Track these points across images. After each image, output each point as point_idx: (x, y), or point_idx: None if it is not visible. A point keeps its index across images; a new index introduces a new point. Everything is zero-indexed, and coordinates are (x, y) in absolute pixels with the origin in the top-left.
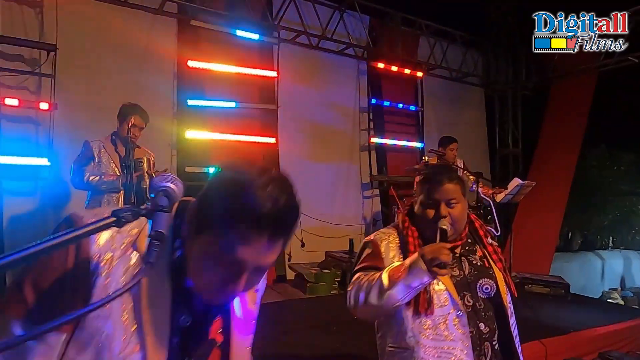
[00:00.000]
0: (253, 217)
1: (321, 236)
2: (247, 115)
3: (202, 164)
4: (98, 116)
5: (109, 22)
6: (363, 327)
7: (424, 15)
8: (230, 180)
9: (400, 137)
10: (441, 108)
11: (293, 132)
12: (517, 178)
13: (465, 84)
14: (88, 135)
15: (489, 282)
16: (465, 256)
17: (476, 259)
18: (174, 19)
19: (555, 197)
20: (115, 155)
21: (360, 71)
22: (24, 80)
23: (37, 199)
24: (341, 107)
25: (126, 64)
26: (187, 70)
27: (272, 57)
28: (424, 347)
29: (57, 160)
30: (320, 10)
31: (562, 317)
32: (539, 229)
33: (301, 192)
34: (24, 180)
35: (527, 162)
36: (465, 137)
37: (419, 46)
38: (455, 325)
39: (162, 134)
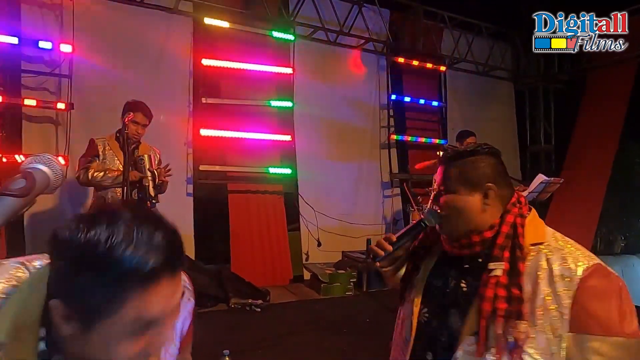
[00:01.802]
0: (143, 275)
1: (340, 235)
2: (262, 113)
3: (218, 162)
4: (114, 116)
5: (124, 22)
6: (374, 330)
7: (447, 8)
8: (92, 255)
9: (423, 134)
10: (466, 103)
11: (310, 130)
12: (541, 174)
13: (492, 78)
14: (104, 134)
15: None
16: (468, 274)
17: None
18: (189, 17)
19: (591, 196)
20: (119, 153)
21: (380, 66)
22: (44, 81)
23: (56, 197)
24: (360, 104)
25: (141, 63)
26: (203, 69)
27: (288, 54)
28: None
29: (74, 159)
30: (337, 5)
31: None
32: (573, 230)
33: (319, 191)
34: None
35: (560, 159)
36: (492, 133)
37: (443, 39)
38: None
39: (177, 133)
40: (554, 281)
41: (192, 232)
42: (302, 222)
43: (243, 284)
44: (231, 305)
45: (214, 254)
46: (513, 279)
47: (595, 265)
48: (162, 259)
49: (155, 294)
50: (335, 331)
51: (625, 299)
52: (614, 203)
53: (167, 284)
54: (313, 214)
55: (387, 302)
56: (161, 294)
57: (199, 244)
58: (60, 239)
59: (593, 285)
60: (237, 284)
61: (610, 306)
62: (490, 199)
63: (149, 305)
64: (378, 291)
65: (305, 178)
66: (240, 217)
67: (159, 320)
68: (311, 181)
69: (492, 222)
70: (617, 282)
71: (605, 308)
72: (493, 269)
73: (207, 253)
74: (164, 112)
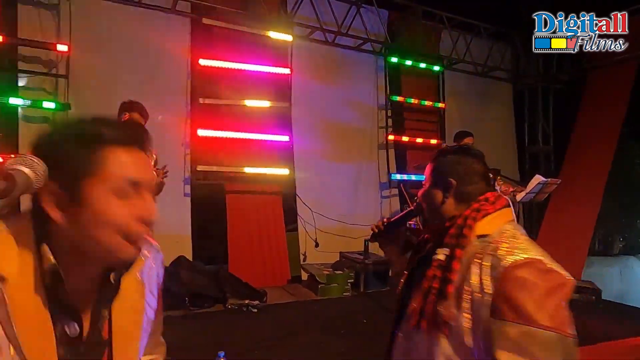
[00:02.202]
0: (116, 138)
1: (339, 235)
2: (260, 113)
3: (215, 162)
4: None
5: (121, 22)
6: (371, 331)
7: (446, 8)
8: (70, 129)
9: (421, 134)
10: (465, 104)
11: (308, 131)
12: (538, 175)
13: (491, 79)
14: None
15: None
16: (426, 260)
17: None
18: (187, 17)
19: (590, 197)
20: None
21: (378, 67)
22: (41, 81)
23: None
24: (358, 105)
25: (139, 63)
26: (200, 69)
27: (286, 55)
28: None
29: None
30: (335, 6)
31: (592, 326)
32: (571, 231)
33: (317, 192)
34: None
35: (559, 159)
36: (491, 134)
37: (441, 40)
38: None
39: (175, 133)
40: (483, 269)
41: (190, 232)
42: (300, 222)
43: (240, 285)
44: (228, 306)
45: (211, 254)
46: (448, 262)
47: (530, 259)
48: (131, 130)
49: (130, 156)
50: (333, 332)
51: (556, 297)
52: (613, 204)
53: (139, 154)
54: (311, 214)
55: (384, 303)
56: (136, 158)
57: (196, 244)
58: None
59: (518, 276)
60: (234, 284)
61: (530, 297)
62: (449, 194)
63: (127, 165)
64: (375, 292)
65: (303, 179)
66: (238, 217)
67: (139, 183)
68: (309, 182)
69: (453, 214)
70: (555, 280)
71: (523, 297)
72: (438, 253)
73: (204, 253)
74: (161, 113)
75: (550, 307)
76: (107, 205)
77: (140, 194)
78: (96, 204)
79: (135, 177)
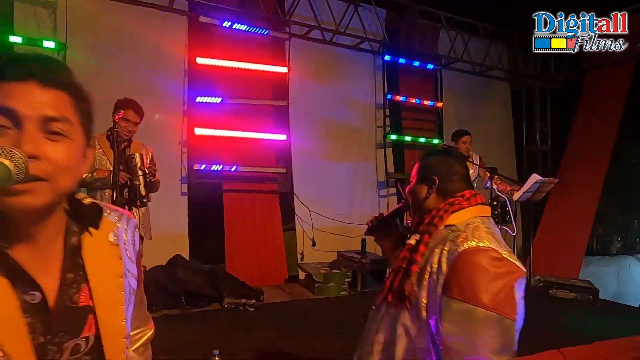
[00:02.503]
0: (14, 69)
1: (336, 234)
2: (257, 112)
3: (213, 161)
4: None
5: (118, 20)
6: None
7: (444, 7)
8: None
9: (419, 133)
10: (463, 103)
11: (306, 129)
12: (535, 174)
13: (489, 78)
14: (95, 133)
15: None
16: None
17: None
18: (184, 16)
19: (587, 196)
20: (109, 152)
21: (376, 66)
22: None
23: None
24: (356, 103)
25: (136, 61)
26: (197, 67)
27: (284, 53)
28: None
29: None
30: (333, 5)
31: (589, 325)
32: (568, 230)
33: (315, 191)
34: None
35: (557, 159)
36: (489, 133)
37: (439, 39)
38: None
39: (171, 132)
40: (443, 253)
41: (187, 231)
42: (298, 221)
43: (237, 284)
44: (225, 305)
45: (208, 253)
46: (416, 246)
47: (484, 247)
48: (34, 66)
49: (13, 88)
50: (330, 331)
51: (502, 282)
52: (611, 204)
53: (34, 88)
54: (308, 213)
55: None
56: (24, 91)
57: (193, 243)
58: None
59: (469, 260)
60: (231, 283)
61: (476, 279)
62: (432, 190)
63: (6, 96)
64: (373, 291)
65: (301, 177)
66: (235, 216)
67: (17, 113)
68: (306, 181)
69: (431, 208)
70: (504, 267)
71: (471, 279)
72: (411, 238)
73: (201, 253)
74: (158, 111)
75: (494, 290)
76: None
77: (22, 128)
78: None
79: (11, 106)
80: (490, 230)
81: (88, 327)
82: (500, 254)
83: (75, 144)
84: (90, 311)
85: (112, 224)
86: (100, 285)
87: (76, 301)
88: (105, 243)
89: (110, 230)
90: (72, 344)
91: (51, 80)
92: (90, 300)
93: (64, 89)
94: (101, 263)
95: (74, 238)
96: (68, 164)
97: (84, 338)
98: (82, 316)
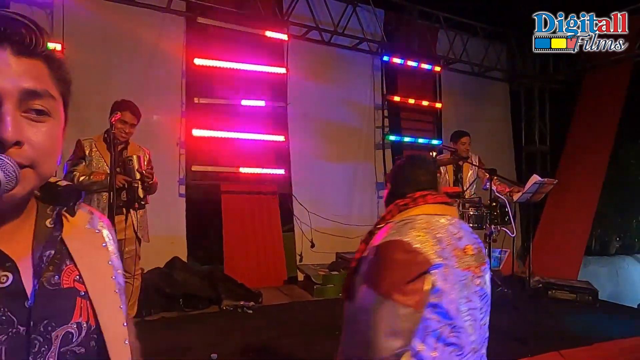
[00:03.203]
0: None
1: (335, 235)
2: (256, 113)
3: (211, 163)
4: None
5: (115, 21)
6: None
7: (443, 8)
8: None
9: (418, 134)
10: (462, 104)
11: (304, 130)
12: (535, 175)
13: (487, 79)
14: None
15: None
16: None
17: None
18: (182, 17)
19: (586, 197)
20: (106, 154)
21: (374, 67)
22: None
23: None
24: (355, 104)
25: (133, 62)
26: (195, 68)
27: (282, 54)
28: None
29: (63, 160)
30: (332, 5)
31: (588, 326)
32: (567, 231)
33: (313, 192)
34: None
35: (556, 159)
36: (488, 134)
37: (438, 40)
38: None
39: (169, 133)
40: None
41: (185, 233)
42: (296, 223)
43: (235, 286)
44: (223, 307)
45: (207, 255)
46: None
47: (399, 240)
48: (5, 29)
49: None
50: (328, 333)
51: (407, 274)
52: (609, 204)
53: (8, 57)
54: (307, 214)
55: None
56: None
57: (191, 245)
58: None
59: (380, 252)
60: (229, 285)
61: (380, 267)
62: (392, 193)
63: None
64: None
65: (299, 179)
66: (233, 218)
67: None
68: (305, 182)
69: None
70: (412, 258)
71: (376, 267)
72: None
73: (200, 254)
74: (156, 112)
75: (394, 279)
76: None
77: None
78: None
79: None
80: (429, 226)
81: (78, 312)
82: (411, 246)
83: (58, 123)
84: (77, 294)
85: (86, 214)
86: (89, 269)
87: (58, 283)
88: (84, 229)
89: (87, 221)
90: (61, 332)
91: (28, 47)
92: (78, 284)
93: (40, 57)
94: (84, 247)
95: (47, 220)
96: (52, 147)
97: (74, 324)
98: (68, 299)
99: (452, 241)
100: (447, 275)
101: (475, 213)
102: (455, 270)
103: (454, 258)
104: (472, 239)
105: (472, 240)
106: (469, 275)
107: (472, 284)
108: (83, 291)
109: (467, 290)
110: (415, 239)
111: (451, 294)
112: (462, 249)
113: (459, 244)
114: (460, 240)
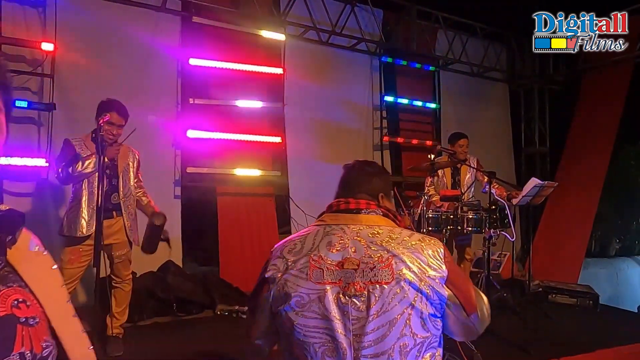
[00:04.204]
0: None
1: None
2: (252, 114)
3: (206, 164)
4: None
5: (109, 20)
6: None
7: (442, 8)
8: None
9: (416, 135)
10: (461, 105)
11: (302, 131)
12: (534, 178)
13: (487, 79)
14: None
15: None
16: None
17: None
18: (177, 16)
19: (586, 198)
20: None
21: (373, 67)
22: (26, 81)
23: (37, 200)
24: (353, 105)
25: (127, 62)
26: (191, 69)
27: (279, 54)
28: None
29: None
30: (329, 5)
31: (589, 331)
32: (567, 234)
33: (310, 194)
34: (24, 181)
35: (556, 161)
36: (487, 135)
37: (437, 40)
38: None
39: (164, 134)
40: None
41: (180, 235)
42: (293, 225)
43: (230, 290)
44: (217, 312)
45: (202, 258)
46: None
47: (280, 246)
48: None
49: None
50: None
51: (261, 271)
52: (609, 205)
53: None
54: (304, 217)
55: None
56: None
57: (187, 248)
58: None
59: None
60: (223, 289)
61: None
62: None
63: None
64: None
65: (296, 180)
66: (229, 220)
67: None
68: (302, 184)
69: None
70: (266, 259)
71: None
72: None
73: (195, 257)
74: (150, 113)
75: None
76: None
77: None
78: None
79: None
80: (307, 233)
81: (20, 340)
82: (273, 248)
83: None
84: (17, 321)
85: (27, 234)
86: (45, 294)
87: (10, 313)
88: (24, 253)
89: (27, 240)
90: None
91: None
92: (16, 310)
93: None
94: (33, 269)
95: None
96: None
97: (17, 355)
98: (6, 328)
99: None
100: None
101: (474, 216)
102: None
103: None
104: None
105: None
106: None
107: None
108: (23, 317)
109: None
110: (291, 246)
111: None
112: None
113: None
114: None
